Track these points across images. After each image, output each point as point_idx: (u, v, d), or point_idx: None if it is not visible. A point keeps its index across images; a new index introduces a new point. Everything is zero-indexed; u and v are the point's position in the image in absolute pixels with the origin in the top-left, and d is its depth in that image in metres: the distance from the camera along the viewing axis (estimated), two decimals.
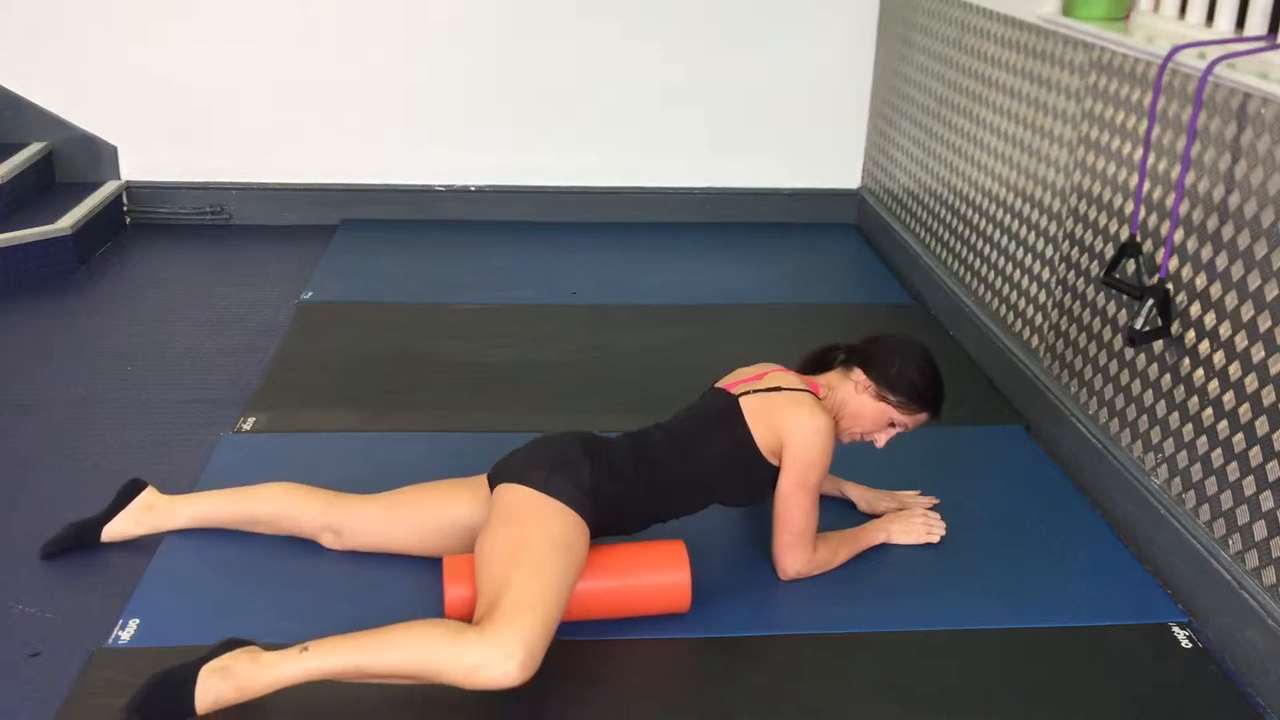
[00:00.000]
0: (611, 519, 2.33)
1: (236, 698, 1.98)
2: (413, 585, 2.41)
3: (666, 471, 2.37)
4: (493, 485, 2.33)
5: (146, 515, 2.53)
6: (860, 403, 2.49)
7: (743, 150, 4.91)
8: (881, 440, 2.54)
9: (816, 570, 2.48)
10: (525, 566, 2.08)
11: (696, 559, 2.49)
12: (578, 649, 2.26)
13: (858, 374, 2.50)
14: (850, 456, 2.96)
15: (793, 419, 2.36)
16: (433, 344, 3.66)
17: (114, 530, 2.52)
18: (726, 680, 2.21)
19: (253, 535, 2.55)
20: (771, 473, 2.41)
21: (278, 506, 2.52)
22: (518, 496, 2.23)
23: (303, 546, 2.53)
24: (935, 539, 2.62)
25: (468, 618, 2.23)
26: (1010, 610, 2.43)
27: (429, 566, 2.45)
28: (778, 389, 2.42)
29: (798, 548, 2.43)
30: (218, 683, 1.97)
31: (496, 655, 1.94)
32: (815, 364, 2.60)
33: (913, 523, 2.64)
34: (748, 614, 2.40)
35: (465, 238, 4.70)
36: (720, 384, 2.53)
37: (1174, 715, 2.16)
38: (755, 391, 2.42)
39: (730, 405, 2.40)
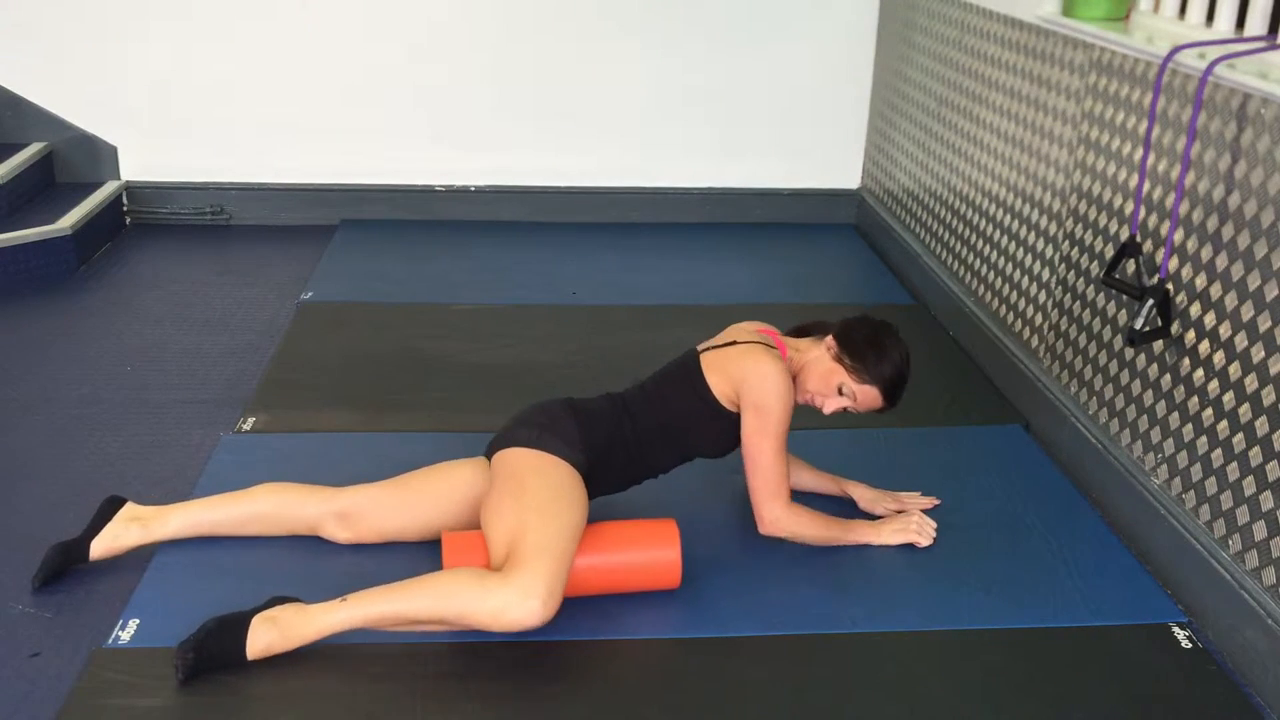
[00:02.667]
0: (602, 468, 2.45)
1: (284, 645, 2.14)
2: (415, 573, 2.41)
3: (643, 421, 2.51)
4: (489, 456, 2.46)
5: (134, 526, 2.48)
6: (819, 361, 2.54)
7: (742, 150, 4.91)
8: (828, 407, 2.55)
9: (796, 532, 2.52)
10: (534, 512, 2.23)
11: (698, 559, 2.49)
12: (578, 649, 2.26)
13: (829, 339, 2.57)
14: (853, 455, 2.97)
15: (745, 366, 2.47)
16: (433, 344, 3.66)
17: (103, 545, 2.46)
18: (726, 680, 2.21)
19: (251, 536, 2.55)
20: (734, 420, 2.51)
21: (275, 501, 2.52)
22: (514, 457, 2.37)
23: (301, 545, 2.53)
24: (924, 542, 2.62)
25: None
26: (1010, 610, 2.43)
27: (428, 561, 2.44)
28: (733, 343, 2.52)
29: (771, 497, 2.48)
30: (267, 631, 2.13)
31: (519, 595, 2.11)
32: (799, 332, 2.68)
33: (905, 521, 2.65)
34: (747, 614, 2.39)
35: (465, 238, 4.70)
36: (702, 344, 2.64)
37: (1174, 715, 2.16)
38: (714, 348, 2.53)
39: (690, 361, 2.54)
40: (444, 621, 2.16)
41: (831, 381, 2.52)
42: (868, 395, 2.53)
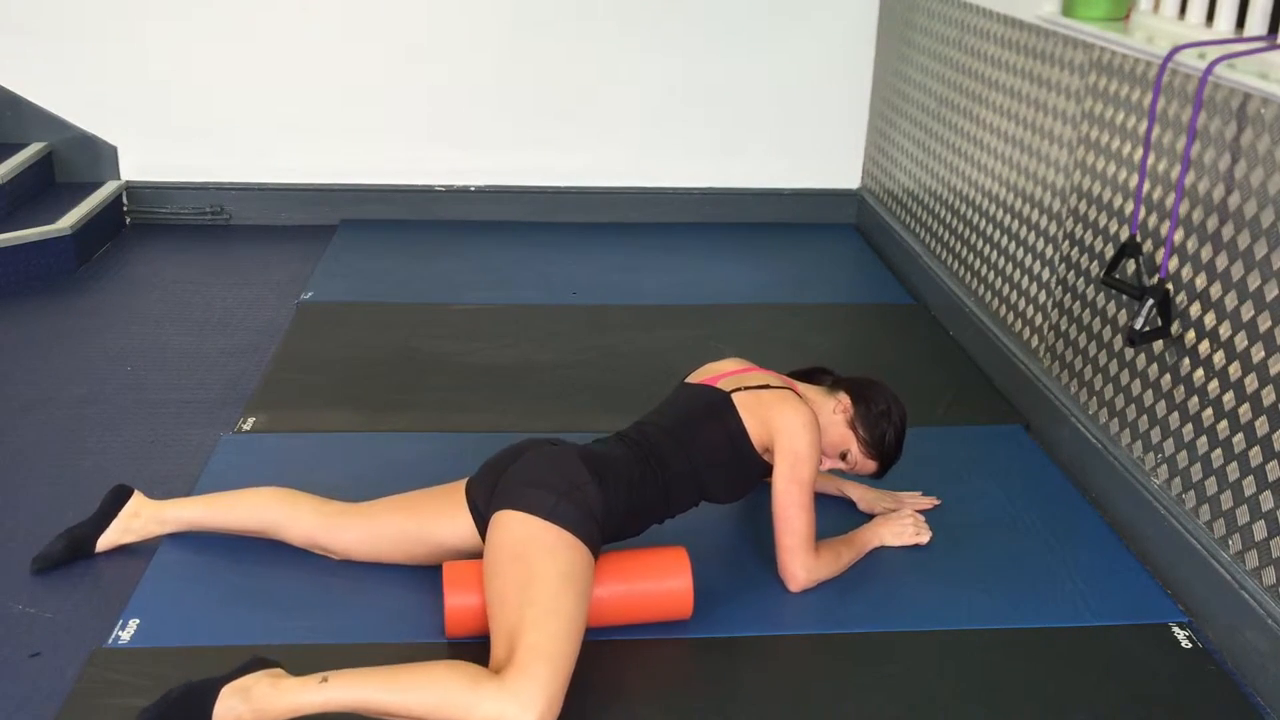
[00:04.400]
0: (620, 530, 2.34)
1: None
2: (412, 585, 2.41)
3: (672, 468, 2.39)
4: (487, 503, 2.29)
5: (134, 523, 2.50)
6: (832, 422, 2.52)
7: (743, 150, 4.91)
8: (825, 465, 2.55)
9: (822, 577, 2.47)
10: (538, 606, 2.05)
11: (697, 559, 2.48)
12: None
13: (844, 398, 2.54)
14: None
15: (781, 413, 2.41)
16: (433, 344, 3.66)
17: (107, 541, 2.49)
18: (727, 680, 2.21)
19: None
20: (760, 467, 2.46)
21: (262, 521, 2.49)
22: (525, 529, 2.16)
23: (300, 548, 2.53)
24: (924, 540, 2.63)
25: (467, 626, 2.24)
26: (1010, 610, 2.43)
27: (428, 580, 2.43)
28: (766, 386, 2.46)
29: (801, 551, 2.41)
30: (237, 704, 1.95)
31: (515, 707, 1.92)
32: (803, 376, 2.66)
33: (903, 524, 2.64)
34: (748, 615, 2.39)
35: (465, 238, 4.70)
36: (693, 379, 2.57)
37: (1174, 715, 2.16)
38: (746, 389, 2.46)
39: (724, 400, 2.44)
40: None
41: (839, 446, 2.53)
42: (866, 467, 2.56)
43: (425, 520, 2.39)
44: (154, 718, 1.95)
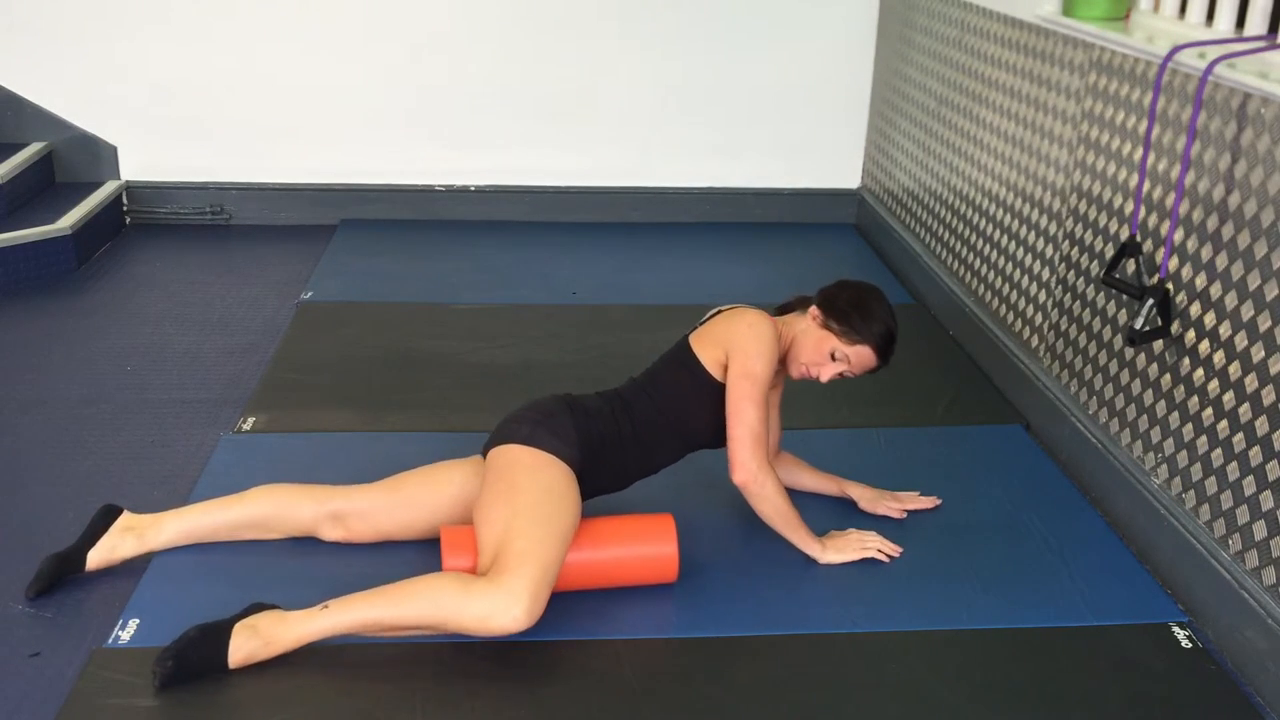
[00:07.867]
0: (598, 465, 2.44)
1: (266, 653, 2.13)
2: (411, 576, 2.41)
3: (641, 412, 2.50)
4: (485, 453, 2.45)
5: (130, 535, 2.46)
6: (807, 332, 2.54)
7: (743, 150, 4.91)
8: (825, 374, 2.53)
9: (762, 492, 2.45)
10: (522, 515, 2.22)
11: (697, 559, 2.49)
12: (577, 649, 2.27)
13: (812, 307, 2.57)
14: (853, 455, 2.97)
15: (730, 321, 2.51)
16: (433, 344, 3.66)
17: (99, 556, 2.44)
18: (726, 680, 2.21)
19: (248, 540, 2.54)
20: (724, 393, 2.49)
21: (269, 505, 2.51)
22: (508, 455, 2.36)
23: (299, 544, 2.53)
24: (870, 554, 2.56)
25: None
26: (1010, 610, 2.43)
27: (427, 557, 2.45)
28: (718, 312, 2.57)
29: (749, 441, 2.42)
30: (249, 639, 2.12)
31: (504, 603, 2.10)
32: (783, 310, 2.69)
33: (847, 541, 2.58)
34: (748, 614, 2.40)
35: (465, 238, 4.70)
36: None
37: (1174, 715, 2.16)
38: (700, 324, 2.57)
39: (681, 343, 2.56)
40: (428, 627, 2.15)
41: (824, 349, 2.52)
42: (861, 355, 2.52)
43: (444, 470, 2.51)
44: (173, 655, 2.08)
